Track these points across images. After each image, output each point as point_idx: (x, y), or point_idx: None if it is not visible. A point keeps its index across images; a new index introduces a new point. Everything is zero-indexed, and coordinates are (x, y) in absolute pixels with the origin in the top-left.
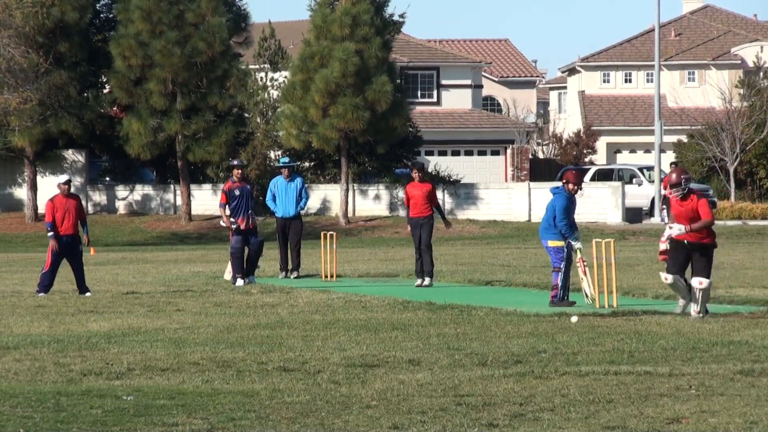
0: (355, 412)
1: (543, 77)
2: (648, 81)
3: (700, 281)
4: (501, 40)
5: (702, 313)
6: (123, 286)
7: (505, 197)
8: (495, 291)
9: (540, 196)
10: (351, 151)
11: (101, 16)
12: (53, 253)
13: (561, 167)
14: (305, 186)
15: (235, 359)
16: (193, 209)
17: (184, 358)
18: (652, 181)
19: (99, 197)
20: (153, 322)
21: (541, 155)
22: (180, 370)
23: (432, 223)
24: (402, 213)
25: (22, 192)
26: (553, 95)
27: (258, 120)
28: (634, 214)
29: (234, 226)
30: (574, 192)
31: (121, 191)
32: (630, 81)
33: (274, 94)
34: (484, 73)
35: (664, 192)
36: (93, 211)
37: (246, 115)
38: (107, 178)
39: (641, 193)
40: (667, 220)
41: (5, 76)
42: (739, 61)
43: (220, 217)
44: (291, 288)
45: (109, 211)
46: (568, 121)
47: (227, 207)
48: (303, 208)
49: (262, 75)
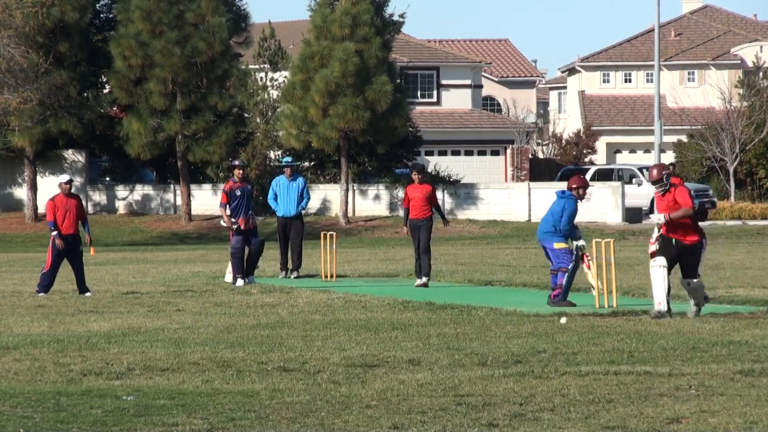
0: (355, 412)
1: (543, 77)
2: (648, 81)
3: (689, 282)
4: (501, 40)
5: (701, 305)
6: (123, 286)
7: (505, 197)
8: (495, 291)
9: (540, 196)
10: (351, 151)
11: (101, 16)
12: (56, 252)
13: (561, 167)
14: (307, 186)
15: (235, 359)
16: (193, 209)
17: (184, 358)
18: None
19: (99, 197)
20: (153, 322)
21: (541, 155)
22: (180, 370)
23: (431, 225)
24: (402, 213)
25: (22, 192)
26: (553, 95)
27: (258, 120)
28: (633, 214)
29: (234, 226)
30: (582, 197)
31: (121, 191)
32: (630, 81)
33: (274, 94)
34: (484, 73)
35: None
36: (93, 211)
37: (246, 115)
38: (107, 178)
39: (641, 193)
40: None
41: (5, 76)
42: (739, 61)
43: (220, 217)
44: (291, 288)
45: (109, 211)
46: (568, 121)
47: (228, 207)
48: (304, 208)
49: (262, 75)
